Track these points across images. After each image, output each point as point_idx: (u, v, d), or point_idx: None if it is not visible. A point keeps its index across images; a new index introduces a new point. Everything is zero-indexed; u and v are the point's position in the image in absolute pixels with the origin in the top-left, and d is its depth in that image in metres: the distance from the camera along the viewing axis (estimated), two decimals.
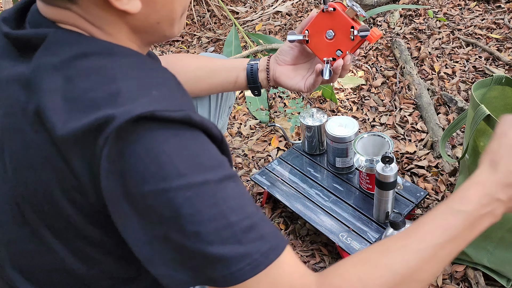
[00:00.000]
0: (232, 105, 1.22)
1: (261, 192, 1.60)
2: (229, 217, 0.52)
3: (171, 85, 0.59)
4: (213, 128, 0.56)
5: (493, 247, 1.13)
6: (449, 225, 0.59)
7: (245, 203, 0.55)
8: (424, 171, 1.54)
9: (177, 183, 0.51)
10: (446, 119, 1.75)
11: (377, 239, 1.21)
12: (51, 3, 0.57)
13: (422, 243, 0.58)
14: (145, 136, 0.50)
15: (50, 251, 0.62)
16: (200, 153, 0.53)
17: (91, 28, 0.58)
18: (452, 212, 0.60)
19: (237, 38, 2.28)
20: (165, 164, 0.51)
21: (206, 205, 0.52)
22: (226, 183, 0.54)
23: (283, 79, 0.98)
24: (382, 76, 2.06)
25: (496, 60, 2.01)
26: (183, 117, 0.52)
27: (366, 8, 2.49)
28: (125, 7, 0.55)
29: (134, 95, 0.52)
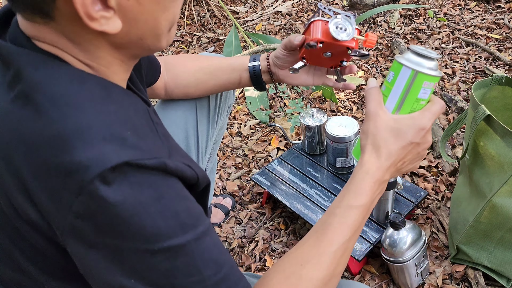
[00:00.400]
0: (231, 105, 1.22)
1: (261, 192, 1.60)
2: (203, 272, 0.54)
3: (147, 124, 0.57)
4: (187, 171, 0.56)
5: (493, 247, 1.13)
6: (351, 221, 0.65)
7: (218, 254, 0.57)
8: (424, 171, 1.54)
9: (158, 246, 0.51)
10: (446, 119, 1.75)
11: (377, 239, 1.21)
12: (28, 19, 0.53)
13: (334, 245, 0.63)
14: (121, 188, 0.49)
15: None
16: (179, 211, 0.53)
17: (68, 45, 0.54)
18: (351, 208, 0.66)
19: (237, 38, 2.28)
20: (147, 227, 0.50)
21: (183, 263, 0.53)
22: (203, 238, 0.55)
23: (288, 80, 1.00)
24: (382, 76, 2.06)
25: (496, 60, 2.01)
26: (158, 165, 0.52)
27: (366, 8, 2.49)
28: (103, 28, 0.51)
29: (105, 134, 0.50)
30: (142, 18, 0.54)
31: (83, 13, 0.49)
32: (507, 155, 1.00)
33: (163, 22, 0.57)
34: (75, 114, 0.50)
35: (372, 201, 0.67)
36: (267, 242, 1.43)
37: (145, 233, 0.50)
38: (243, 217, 1.54)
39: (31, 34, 0.55)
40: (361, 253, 1.18)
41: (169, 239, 0.52)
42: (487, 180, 1.07)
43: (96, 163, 0.47)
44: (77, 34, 0.54)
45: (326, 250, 0.63)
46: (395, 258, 1.13)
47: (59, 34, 0.54)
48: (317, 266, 0.62)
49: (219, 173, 1.73)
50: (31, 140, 0.50)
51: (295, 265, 0.63)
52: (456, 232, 1.20)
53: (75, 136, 0.49)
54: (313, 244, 0.64)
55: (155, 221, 0.51)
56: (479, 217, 1.10)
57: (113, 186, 0.48)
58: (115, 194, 0.48)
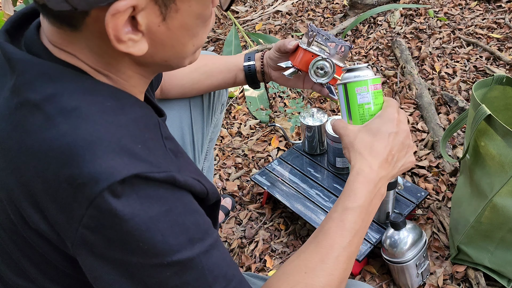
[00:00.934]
0: (225, 102, 1.22)
1: (261, 192, 1.59)
2: (212, 286, 0.54)
3: (157, 138, 0.57)
4: (196, 186, 0.56)
5: (493, 248, 1.13)
6: (349, 223, 0.64)
7: (227, 268, 0.56)
8: (425, 171, 1.54)
9: (167, 260, 0.51)
10: (447, 119, 1.75)
11: (378, 239, 1.21)
12: (55, 25, 0.53)
13: (335, 250, 0.63)
14: (130, 201, 0.49)
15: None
16: (188, 225, 0.53)
17: (89, 55, 0.54)
18: (347, 210, 0.65)
19: (237, 38, 2.28)
20: (156, 241, 0.50)
21: (193, 277, 0.53)
22: (211, 252, 0.55)
23: (279, 81, 1.01)
24: (382, 75, 2.06)
25: (497, 60, 2.00)
26: (167, 178, 0.51)
27: (367, 8, 2.49)
28: (129, 50, 0.51)
29: (115, 147, 0.50)
30: (169, 43, 0.54)
31: (113, 35, 0.49)
32: (508, 155, 1.00)
33: (190, 47, 0.58)
34: (85, 126, 0.50)
35: (370, 201, 0.67)
36: (267, 243, 1.43)
37: (155, 248, 0.50)
38: (243, 218, 1.53)
39: (53, 40, 0.54)
40: (362, 253, 1.18)
41: (178, 253, 0.51)
42: (488, 180, 1.06)
43: (106, 176, 0.47)
44: (101, 48, 0.53)
45: (328, 256, 0.63)
46: (396, 259, 1.12)
47: (83, 45, 0.53)
48: (322, 273, 0.61)
49: (219, 173, 1.73)
50: (41, 152, 0.50)
51: (298, 273, 0.62)
52: (457, 232, 1.19)
53: (85, 149, 0.49)
54: (314, 251, 0.64)
55: (164, 235, 0.51)
56: (479, 218, 1.09)
57: (122, 199, 0.48)
58: (124, 207, 0.48)
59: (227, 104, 2.11)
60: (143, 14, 0.49)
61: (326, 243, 0.64)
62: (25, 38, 0.57)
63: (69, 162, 0.48)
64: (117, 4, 0.47)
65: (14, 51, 0.54)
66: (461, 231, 1.16)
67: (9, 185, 0.53)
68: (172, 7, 0.51)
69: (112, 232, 0.49)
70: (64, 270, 0.59)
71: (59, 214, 0.50)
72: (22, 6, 2.26)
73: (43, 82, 0.52)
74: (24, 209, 0.52)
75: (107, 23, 0.48)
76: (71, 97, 0.51)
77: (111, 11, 0.47)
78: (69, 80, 0.53)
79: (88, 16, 0.49)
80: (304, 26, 2.59)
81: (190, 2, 0.52)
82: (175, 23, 0.52)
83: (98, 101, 0.53)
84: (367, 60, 2.19)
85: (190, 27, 0.55)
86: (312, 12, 2.73)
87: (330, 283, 0.61)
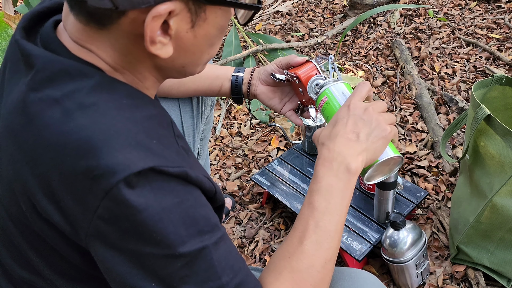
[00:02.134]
0: (214, 99, 1.23)
1: (261, 192, 1.60)
2: (221, 278, 0.55)
3: (170, 136, 0.59)
4: (206, 183, 0.58)
5: (493, 247, 1.13)
6: (317, 204, 0.67)
7: (234, 260, 0.58)
8: (425, 171, 1.54)
9: (179, 251, 0.52)
10: (447, 119, 1.75)
11: (377, 239, 1.21)
12: (81, 21, 0.54)
13: (310, 231, 0.65)
14: (144, 192, 0.51)
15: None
16: (198, 217, 0.55)
17: (110, 52, 0.56)
18: (312, 192, 0.68)
19: (237, 38, 2.28)
20: (169, 232, 0.52)
21: (202, 268, 0.54)
22: (220, 244, 0.57)
23: (262, 97, 1.01)
24: (382, 76, 2.06)
25: (496, 60, 2.01)
26: (180, 173, 0.53)
27: (366, 8, 2.49)
28: (157, 52, 0.54)
29: (132, 142, 0.52)
30: (191, 49, 0.58)
31: (148, 37, 0.51)
32: (507, 155, 1.00)
33: (206, 56, 0.62)
34: (103, 120, 0.52)
35: (334, 177, 0.68)
36: (267, 242, 1.43)
37: (167, 238, 0.52)
38: (243, 217, 1.53)
39: (76, 36, 0.56)
40: (361, 253, 1.18)
41: (189, 244, 0.53)
42: (488, 180, 1.06)
43: (123, 168, 0.49)
44: (127, 47, 0.55)
45: (305, 237, 0.65)
46: (396, 259, 1.12)
47: (106, 43, 0.55)
48: (303, 255, 0.64)
49: (219, 173, 1.73)
50: (59, 144, 0.51)
51: (283, 259, 0.65)
52: (457, 232, 1.20)
53: (102, 142, 0.50)
54: (292, 235, 0.67)
55: (176, 227, 0.52)
56: (479, 217, 1.10)
57: (137, 191, 0.50)
58: (139, 198, 0.50)
59: (227, 104, 2.11)
60: (175, 20, 0.52)
61: (301, 227, 0.66)
62: (41, 35, 0.59)
63: (86, 155, 0.50)
64: (159, 7, 0.49)
65: (32, 48, 0.56)
66: (460, 231, 1.17)
67: (23, 176, 0.54)
68: (202, 16, 0.54)
69: (126, 222, 0.51)
70: (72, 262, 0.60)
71: (74, 205, 0.51)
72: (22, 6, 2.26)
73: (63, 80, 0.54)
74: (38, 201, 0.53)
75: (147, 24, 0.50)
76: (89, 94, 0.53)
77: (153, 13, 0.49)
78: (87, 78, 0.54)
79: (124, 16, 0.51)
80: (303, 26, 2.59)
81: (217, 13, 0.56)
82: (201, 31, 0.56)
83: (115, 98, 0.55)
84: (367, 60, 2.19)
85: (211, 37, 0.58)
86: (312, 13, 2.73)
87: (313, 263, 0.64)
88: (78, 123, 0.51)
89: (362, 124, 0.72)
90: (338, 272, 0.76)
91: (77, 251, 0.58)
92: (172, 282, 0.53)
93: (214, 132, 1.96)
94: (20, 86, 0.56)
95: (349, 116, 0.72)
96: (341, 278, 0.74)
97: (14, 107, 0.56)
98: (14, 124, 0.55)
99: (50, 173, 0.52)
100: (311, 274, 0.63)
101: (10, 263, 0.65)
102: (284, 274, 0.63)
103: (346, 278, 0.75)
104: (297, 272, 0.63)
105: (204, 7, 0.54)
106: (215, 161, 1.81)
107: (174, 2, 0.50)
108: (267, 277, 0.64)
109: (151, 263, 0.52)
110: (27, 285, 0.65)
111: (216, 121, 2.02)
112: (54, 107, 0.52)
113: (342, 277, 0.75)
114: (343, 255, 1.24)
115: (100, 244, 0.53)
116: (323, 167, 0.70)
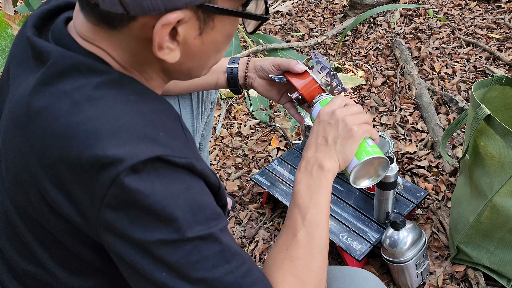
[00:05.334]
0: (215, 99, 1.23)
1: (261, 192, 1.60)
2: (230, 262, 0.56)
3: (178, 129, 0.60)
4: (211, 177, 0.59)
5: (493, 247, 1.13)
6: (301, 201, 0.71)
7: (239, 249, 0.59)
8: (425, 171, 1.54)
9: (187, 235, 0.53)
10: (447, 119, 1.75)
11: (377, 239, 1.21)
12: (91, 21, 0.56)
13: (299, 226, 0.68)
14: (150, 178, 0.51)
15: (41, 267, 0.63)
16: (205, 204, 0.56)
17: (119, 52, 0.57)
18: (296, 192, 0.74)
19: (237, 38, 2.28)
20: (177, 216, 0.52)
21: (212, 252, 0.55)
22: (226, 232, 0.58)
23: (260, 89, 1.01)
24: (382, 76, 2.06)
25: (496, 60, 2.01)
26: (186, 163, 0.54)
27: (366, 8, 2.49)
28: (165, 57, 0.55)
29: (140, 134, 0.53)
30: (198, 55, 0.59)
31: (157, 42, 0.53)
32: (507, 155, 1.00)
33: (212, 60, 0.64)
34: (112, 113, 0.53)
35: (309, 177, 0.73)
36: (267, 242, 1.43)
37: (175, 223, 0.52)
38: (243, 217, 1.53)
39: (85, 34, 0.57)
40: (361, 253, 1.18)
41: (197, 228, 0.53)
42: (488, 180, 1.06)
43: (130, 156, 0.50)
44: (135, 49, 0.57)
45: (297, 232, 0.68)
46: (396, 259, 1.12)
47: (116, 43, 0.56)
48: (298, 245, 0.67)
49: (219, 173, 1.73)
50: (66, 135, 0.52)
51: (281, 252, 0.67)
52: (457, 232, 1.20)
53: (110, 134, 0.51)
54: (285, 233, 0.70)
55: (184, 211, 0.53)
56: (479, 217, 1.10)
57: (143, 177, 0.51)
58: (145, 184, 0.51)
59: (227, 104, 2.11)
60: (184, 27, 0.53)
61: (291, 223, 0.70)
62: (52, 31, 0.60)
63: (94, 145, 0.50)
64: (169, 15, 0.51)
65: (44, 44, 0.57)
66: (460, 231, 1.17)
67: (32, 168, 0.55)
68: (210, 24, 0.56)
69: (133, 209, 0.51)
70: (77, 255, 0.60)
71: (83, 195, 0.52)
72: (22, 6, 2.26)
73: (74, 74, 0.55)
74: (48, 192, 0.54)
75: (156, 31, 0.52)
76: (98, 88, 0.54)
77: (163, 21, 0.51)
78: (97, 73, 0.55)
79: (134, 20, 0.53)
80: (303, 26, 2.59)
81: (225, 22, 0.57)
82: (208, 38, 0.57)
83: (124, 93, 0.56)
84: (367, 60, 2.19)
85: (218, 43, 0.60)
86: (312, 13, 2.73)
87: (310, 250, 0.67)
88: (87, 114, 0.52)
89: (329, 128, 0.76)
90: (338, 271, 0.76)
91: (83, 244, 0.58)
92: (182, 269, 0.53)
93: (214, 132, 1.96)
94: (30, 81, 0.57)
95: (319, 124, 0.77)
96: (341, 277, 0.74)
97: (22, 101, 0.57)
98: (22, 117, 0.56)
99: (59, 164, 0.52)
100: (310, 261, 0.66)
101: (14, 257, 0.65)
102: (285, 264, 0.65)
103: (346, 277, 0.75)
104: (297, 260, 0.65)
105: (213, 16, 0.55)
106: (215, 161, 1.80)
107: (184, 11, 0.52)
108: (269, 269, 0.66)
109: (160, 250, 0.53)
110: (31, 279, 0.66)
111: (216, 121, 2.02)
112: (63, 100, 0.53)
113: (342, 276, 0.75)
114: (343, 255, 1.24)
115: (109, 234, 0.53)
116: (299, 172, 0.76)
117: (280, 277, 0.63)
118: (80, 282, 0.63)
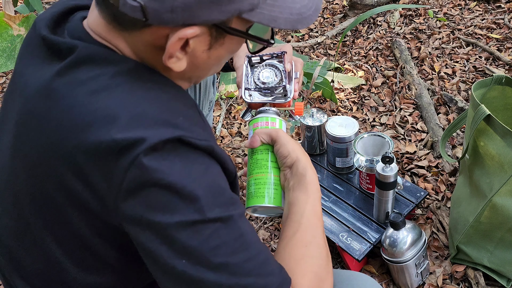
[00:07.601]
0: (213, 99, 1.23)
1: None
2: (250, 249, 0.56)
3: (196, 116, 0.61)
4: (230, 164, 0.60)
5: (493, 247, 1.13)
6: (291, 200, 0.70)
7: (257, 237, 0.59)
8: (424, 171, 1.54)
9: (208, 216, 0.53)
10: (446, 119, 1.75)
11: (377, 239, 1.21)
12: (105, 19, 0.57)
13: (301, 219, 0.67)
14: (170, 158, 0.52)
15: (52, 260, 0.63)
16: (224, 187, 0.56)
17: (128, 50, 0.59)
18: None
19: None
20: (198, 195, 0.52)
21: (231, 237, 0.54)
22: (244, 218, 0.58)
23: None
24: (382, 76, 2.06)
25: (496, 60, 2.01)
26: (206, 146, 0.55)
27: (366, 8, 2.49)
28: (172, 65, 0.57)
29: (159, 119, 0.53)
30: (202, 66, 0.62)
31: (169, 52, 0.54)
32: (507, 155, 1.00)
33: (212, 71, 0.67)
34: (131, 99, 0.54)
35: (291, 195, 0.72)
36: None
37: (196, 202, 0.52)
38: None
39: (98, 31, 0.58)
40: (361, 253, 1.18)
41: (217, 210, 0.53)
42: (487, 180, 1.07)
43: (151, 136, 0.51)
44: (141, 51, 0.58)
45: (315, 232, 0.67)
46: (395, 258, 1.13)
47: (124, 42, 0.58)
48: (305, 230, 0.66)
49: None
50: (84, 123, 0.52)
51: (301, 247, 0.65)
52: (456, 232, 1.20)
53: (130, 119, 0.52)
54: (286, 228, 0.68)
55: (205, 191, 0.53)
56: (479, 217, 1.10)
57: (163, 155, 0.51)
58: (165, 162, 0.51)
59: (227, 104, 2.12)
60: (195, 40, 0.55)
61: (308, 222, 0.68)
62: (67, 28, 0.61)
63: (114, 129, 0.51)
64: (187, 30, 0.53)
65: (61, 40, 0.59)
66: (460, 230, 1.17)
67: (49, 159, 0.55)
68: (220, 41, 0.58)
69: (153, 190, 0.51)
70: (92, 249, 0.60)
71: (101, 180, 0.52)
72: (22, 6, 2.26)
73: (89, 65, 0.56)
74: (67, 181, 0.54)
75: (171, 42, 0.53)
76: (115, 77, 0.56)
77: (180, 34, 0.53)
78: (113, 63, 0.57)
79: (148, 27, 0.54)
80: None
81: (233, 40, 0.60)
82: (215, 53, 0.60)
83: (142, 80, 0.57)
84: (367, 60, 2.19)
85: (222, 58, 0.63)
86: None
87: (314, 233, 0.66)
88: (105, 102, 0.53)
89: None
90: (337, 274, 0.76)
91: (99, 236, 0.58)
92: (203, 254, 0.53)
93: (214, 132, 1.96)
94: (44, 72, 0.58)
95: None
96: (339, 281, 0.74)
97: (37, 92, 0.57)
98: (37, 108, 0.57)
99: (77, 152, 0.52)
100: (327, 262, 0.66)
101: (22, 255, 0.65)
102: (306, 260, 0.64)
103: (345, 281, 0.75)
104: (317, 259, 0.65)
105: (225, 35, 0.57)
106: None
107: (200, 27, 0.53)
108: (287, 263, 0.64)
109: (180, 235, 0.52)
110: (39, 278, 0.66)
111: (216, 121, 2.02)
112: (79, 88, 0.54)
113: (341, 280, 0.75)
114: (343, 254, 1.24)
115: (129, 220, 0.53)
116: None
117: (300, 272, 0.62)
118: (90, 278, 0.63)
